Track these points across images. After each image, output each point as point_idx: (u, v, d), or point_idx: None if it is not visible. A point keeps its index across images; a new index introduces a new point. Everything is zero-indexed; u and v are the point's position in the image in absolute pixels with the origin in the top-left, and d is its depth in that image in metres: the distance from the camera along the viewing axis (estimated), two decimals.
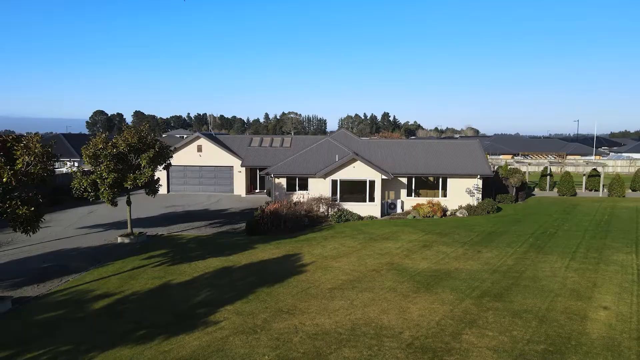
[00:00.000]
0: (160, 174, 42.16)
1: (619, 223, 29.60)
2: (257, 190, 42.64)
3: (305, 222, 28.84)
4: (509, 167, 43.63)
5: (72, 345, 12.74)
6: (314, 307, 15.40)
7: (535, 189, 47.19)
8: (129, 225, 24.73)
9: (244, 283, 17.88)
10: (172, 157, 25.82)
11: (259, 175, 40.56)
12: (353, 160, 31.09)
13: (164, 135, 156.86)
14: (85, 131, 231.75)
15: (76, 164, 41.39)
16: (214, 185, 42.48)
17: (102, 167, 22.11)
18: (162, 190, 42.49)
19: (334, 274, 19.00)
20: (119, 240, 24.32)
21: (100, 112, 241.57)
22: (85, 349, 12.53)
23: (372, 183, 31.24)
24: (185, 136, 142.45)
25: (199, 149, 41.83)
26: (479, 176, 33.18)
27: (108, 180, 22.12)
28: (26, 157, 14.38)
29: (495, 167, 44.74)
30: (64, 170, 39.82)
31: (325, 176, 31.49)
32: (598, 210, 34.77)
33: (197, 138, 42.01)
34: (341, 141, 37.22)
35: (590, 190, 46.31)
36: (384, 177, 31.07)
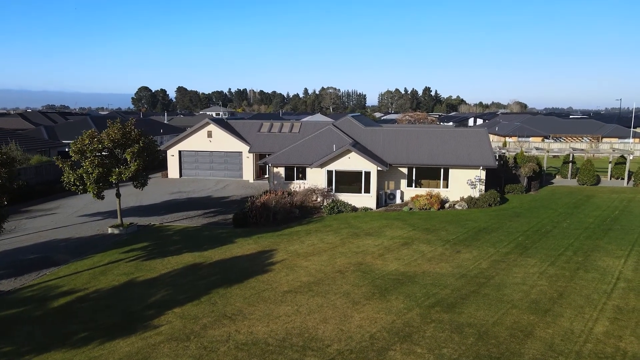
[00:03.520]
0: (173, 158, 43.33)
1: (626, 220, 28.04)
2: (266, 176, 42.85)
3: (296, 213, 28.97)
4: (525, 154, 41.87)
5: (15, 346, 13.54)
6: (258, 312, 15.62)
7: (557, 177, 45.21)
8: (119, 217, 25.63)
9: (204, 282, 18.29)
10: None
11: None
12: (348, 152, 30.72)
13: (200, 112, 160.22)
14: (132, 106, 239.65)
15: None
16: (224, 170, 43.15)
17: (87, 163, 22.89)
18: (174, 174, 43.66)
19: (297, 274, 19.11)
20: (109, 231, 25.30)
21: (144, 88, 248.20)
22: (25, 350, 13.30)
23: (367, 174, 30.84)
24: (220, 114, 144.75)
25: (209, 134, 42.44)
26: (481, 167, 32.09)
27: (93, 175, 22.92)
28: None
29: (509, 155, 43.06)
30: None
31: (321, 166, 31.33)
32: (612, 203, 33.01)
33: (207, 124, 42.56)
34: (345, 129, 36.79)
35: (617, 178, 43.93)
36: (379, 168, 30.59)
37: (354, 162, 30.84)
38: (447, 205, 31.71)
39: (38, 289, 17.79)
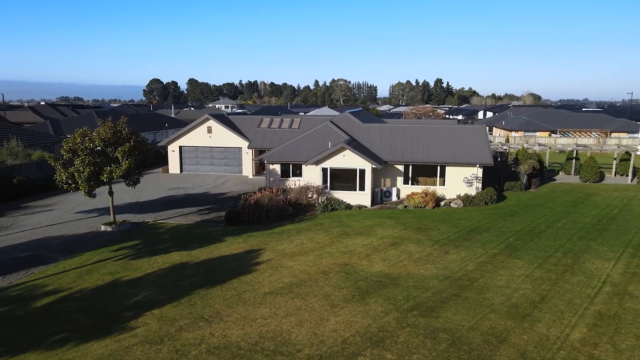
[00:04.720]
0: (173, 154, 43.59)
1: (624, 220, 27.62)
2: (266, 172, 42.99)
3: (289, 211, 29.02)
4: (528, 150, 41.38)
5: None
6: (236, 314, 15.71)
7: (560, 173, 44.64)
8: (111, 214, 25.90)
9: (188, 282, 18.43)
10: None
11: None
12: (342, 149, 30.61)
13: (209, 105, 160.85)
14: (143, 98, 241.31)
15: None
16: (224, 166, 43.31)
17: (78, 162, 23.11)
18: (175, 170, 43.94)
19: (281, 275, 19.16)
20: (102, 228, 25.56)
21: (156, 80, 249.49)
22: (2, 351, 13.55)
23: (362, 172, 30.73)
24: (229, 106, 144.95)
25: (209, 130, 42.58)
26: (478, 165, 31.79)
27: (84, 173, 23.15)
28: None
29: (511, 151, 42.53)
30: None
31: (316, 164, 31.29)
32: (612, 202, 32.53)
33: (207, 120, 42.67)
34: (343, 125, 36.62)
35: (622, 175, 43.25)
36: (374, 166, 30.44)
37: (348, 159, 30.74)
38: (442, 203, 31.49)
39: (24, 288, 18.07)
